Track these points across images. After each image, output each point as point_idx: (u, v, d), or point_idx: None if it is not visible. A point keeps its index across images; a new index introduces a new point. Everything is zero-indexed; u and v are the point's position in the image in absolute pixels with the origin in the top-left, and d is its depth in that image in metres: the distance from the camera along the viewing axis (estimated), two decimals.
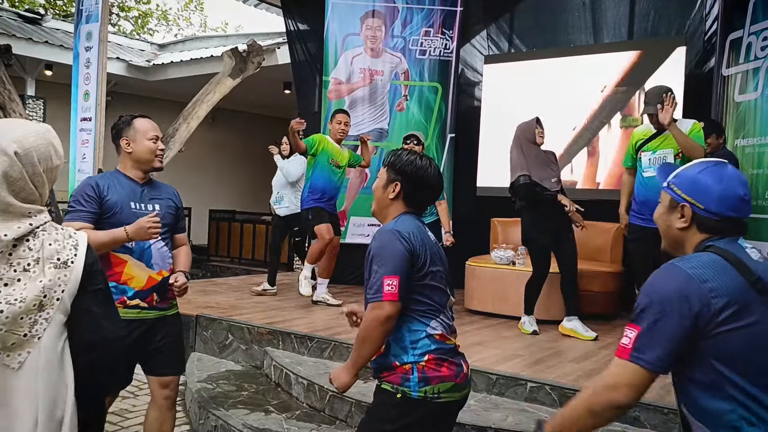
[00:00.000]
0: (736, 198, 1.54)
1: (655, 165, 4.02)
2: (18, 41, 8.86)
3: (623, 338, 1.49)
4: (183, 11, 22.35)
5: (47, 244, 1.52)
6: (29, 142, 1.53)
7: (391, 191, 2.10)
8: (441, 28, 6.90)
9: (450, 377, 1.99)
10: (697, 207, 1.56)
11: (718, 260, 1.48)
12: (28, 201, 1.52)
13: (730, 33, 5.19)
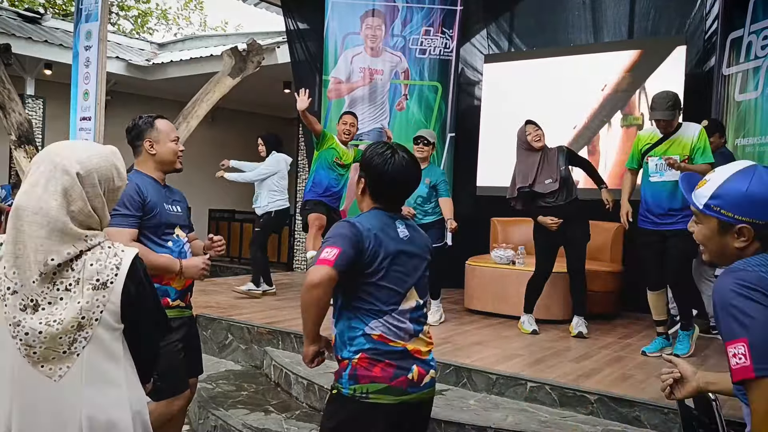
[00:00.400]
0: None
1: (662, 170, 3.99)
2: (17, 40, 8.85)
3: (732, 360, 1.35)
4: (182, 10, 22.32)
5: (89, 265, 1.53)
6: (92, 163, 1.56)
7: (359, 187, 2.10)
8: (441, 27, 6.89)
9: (382, 379, 1.94)
10: (757, 224, 1.47)
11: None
12: (84, 225, 1.55)
13: (730, 32, 5.20)
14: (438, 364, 3.79)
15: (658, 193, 4.02)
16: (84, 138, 5.91)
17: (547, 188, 4.61)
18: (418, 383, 1.99)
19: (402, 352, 1.97)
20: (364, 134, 6.85)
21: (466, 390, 3.66)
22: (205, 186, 12.92)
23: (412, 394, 1.98)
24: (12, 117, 6.30)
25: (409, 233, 2.09)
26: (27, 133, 6.39)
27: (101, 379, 1.55)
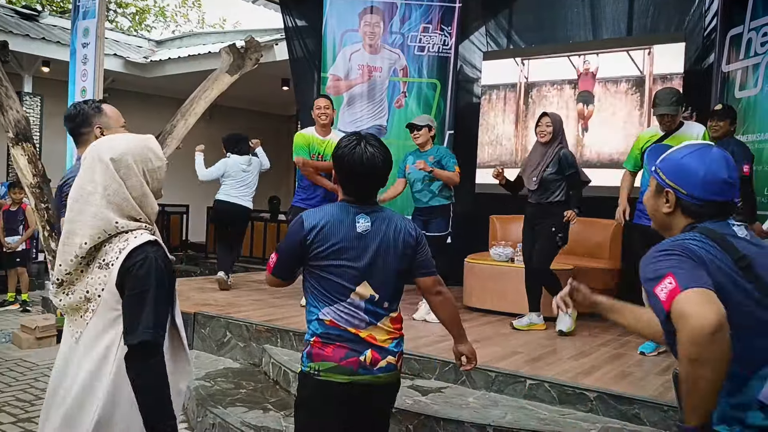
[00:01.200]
0: (719, 182, 1.53)
1: None
2: (15, 38, 8.82)
3: (662, 292, 1.37)
4: (180, 7, 22.29)
5: (103, 246, 1.69)
6: (122, 146, 1.71)
7: (336, 179, 2.26)
8: (440, 24, 6.87)
9: (332, 358, 2.08)
10: (681, 192, 1.56)
11: (703, 238, 1.48)
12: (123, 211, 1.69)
13: (730, 29, 5.19)
14: (437, 361, 3.81)
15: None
16: None
17: (531, 185, 4.65)
18: (371, 366, 2.10)
19: (354, 338, 2.10)
20: (363, 131, 6.83)
21: (465, 387, 3.65)
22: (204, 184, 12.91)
23: (364, 375, 2.09)
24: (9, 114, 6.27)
25: (373, 228, 2.11)
26: (25, 131, 6.35)
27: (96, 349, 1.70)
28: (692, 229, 1.53)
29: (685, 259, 1.41)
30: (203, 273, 9.73)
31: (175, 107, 8.39)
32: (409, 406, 3.31)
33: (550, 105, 6.38)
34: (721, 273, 1.42)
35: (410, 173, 5.00)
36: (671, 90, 4.03)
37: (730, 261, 1.43)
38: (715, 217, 1.54)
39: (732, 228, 1.53)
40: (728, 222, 1.55)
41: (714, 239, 1.47)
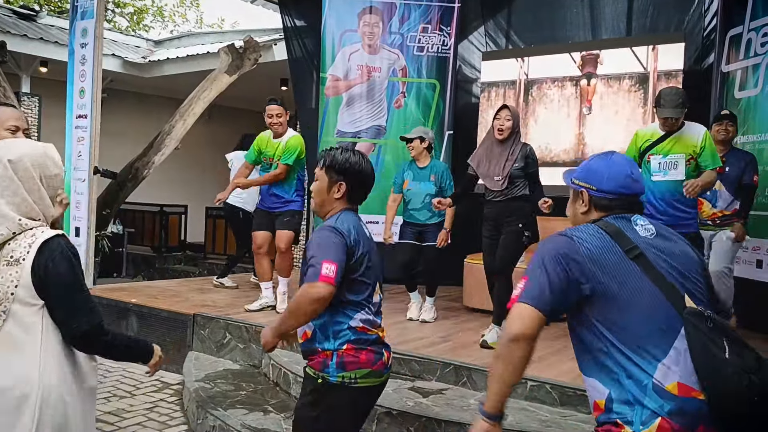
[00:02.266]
0: (624, 176, 1.73)
1: (666, 169, 3.84)
2: (13, 38, 8.80)
3: (515, 291, 1.65)
4: (178, 7, 22.24)
5: (7, 245, 1.68)
6: (21, 151, 1.72)
7: (336, 191, 2.24)
8: (439, 25, 6.86)
9: (366, 364, 2.15)
10: (592, 189, 1.75)
11: (598, 230, 1.66)
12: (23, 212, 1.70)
13: (729, 29, 5.18)
14: (438, 362, 3.80)
15: (660, 193, 3.86)
16: (81, 136, 5.87)
17: (494, 185, 4.25)
18: (388, 365, 2.27)
19: (377, 339, 2.22)
20: (363, 131, 6.84)
21: (466, 389, 3.64)
22: (202, 184, 12.90)
23: (385, 374, 2.25)
24: None
25: (366, 230, 2.28)
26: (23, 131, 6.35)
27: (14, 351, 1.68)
28: (594, 222, 1.71)
29: (545, 269, 1.60)
30: (202, 273, 9.71)
31: (174, 107, 8.39)
32: (410, 408, 3.31)
33: (551, 102, 6.38)
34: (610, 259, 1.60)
35: (410, 189, 4.85)
36: (677, 91, 3.88)
37: (620, 250, 1.60)
38: (623, 211, 1.71)
39: (635, 224, 1.69)
40: (632, 218, 1.70)
41: (608, 231, 1.64)
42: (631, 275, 1.57)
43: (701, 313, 1.53)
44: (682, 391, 1.50)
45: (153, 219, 11.45)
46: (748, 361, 1.47)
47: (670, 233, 1.72)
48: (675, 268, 1.62)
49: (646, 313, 1.55)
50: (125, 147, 9.32)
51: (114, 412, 4.03)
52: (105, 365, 5.10)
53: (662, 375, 1.51)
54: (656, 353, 1.53)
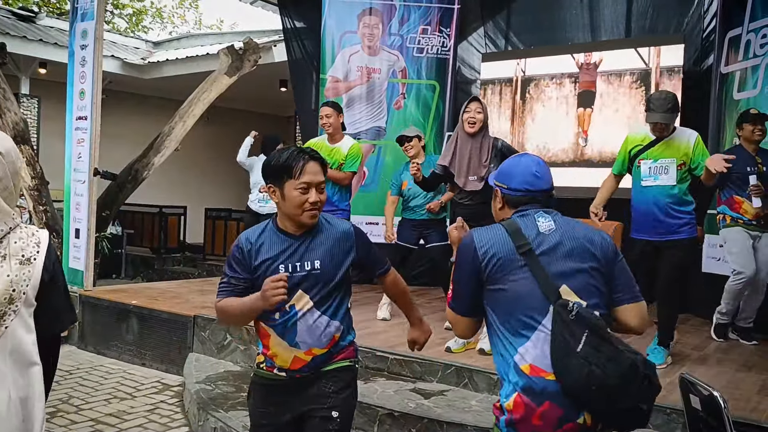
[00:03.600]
0: (528, 174, 1.89)
1: (657, 174, 3.75)
2: (12, 39, 8.80)
3: (449, 291, 1.93)
4: (178, 9, 22.25)
5: (13, 242, 1.64)
6: (9, 143, 1.69)
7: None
8: (438, 26, 6.87)
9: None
10: (503, 188, 1.93)
11: (501, 228, 1.84)
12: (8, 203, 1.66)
13: (729, 30, 5.20)
14: (439, 364, 3.80)
15: (651, 198, 3.78)
16: (81, 138, 5.86)
17: (469, 186, 4.05)
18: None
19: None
20: (362, 133, 6.84)
21: (468, 390, 3.64)
22: (201, 185, 12.91)
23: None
24: (7, 117, 6.26)
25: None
26: (23, 133, 6.34)
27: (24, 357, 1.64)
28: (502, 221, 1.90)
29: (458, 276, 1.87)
30: (201, 275, 9.71)
31: (173, 109, 8.39)
32: (411, 409, 3.31)
33: (549, 100, 6.39)
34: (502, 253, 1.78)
35: (410, 188, 4.87)
36: (667, 95, 3.77)
37: (513, 247, 1.78)
38: (529, 206, 1.87)
39: (536, 221, 1.83)
40: (536, 215, 1.84)
41: (508, 229, 1.81)
42: (516, 269, 1.76)
43: (566, 306, 1.70)
44: (534, 371, 1.70)
45: (152, 220, 11.45)
46: (600, 355, 1.64)
47: (572, 226, 1.85)
48: (560, 263, 1.77)
49: (523, 303, 1.74)
50: (124, 148, 9.31)
51: (115, 413, 4.03)
52: (104, 367, 5.10)
53: (521, 356, 1.72)
54: (521, 337, 1.73)
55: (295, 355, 2.09)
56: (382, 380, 3.81)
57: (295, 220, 2.09)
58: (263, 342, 2.15)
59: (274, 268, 2.06)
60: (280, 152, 2.10)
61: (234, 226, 10.67)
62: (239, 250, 2.10)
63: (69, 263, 5.87)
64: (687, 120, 4.94)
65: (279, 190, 2.07)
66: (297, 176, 2.04)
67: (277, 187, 2.07)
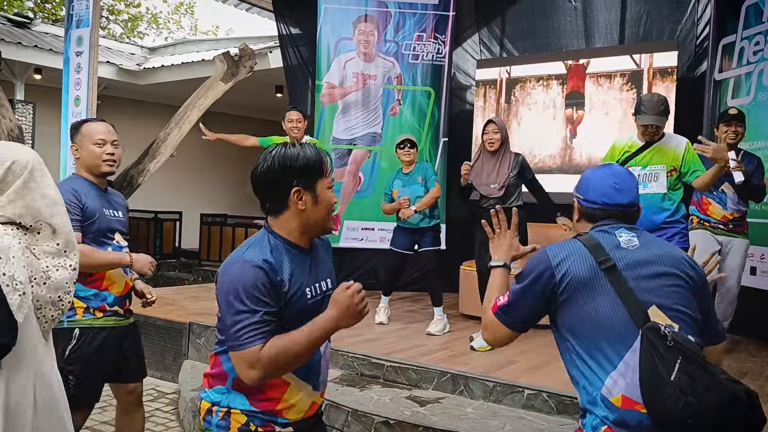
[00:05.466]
0: (605, 185, 1.79)
1: (646, 182, 3.67)
2: (7, 45, 8.78)
3: (502, 297, 1.78)
4: (173, 15, 22.25)
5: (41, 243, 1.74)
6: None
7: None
8: (433, 33, 6.89)
9: None
10: (580, 199, 1.84)
11: (579, 245, 1.72)
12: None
13: (722, 38, 5.23)
14: (435, 371, 3.80)
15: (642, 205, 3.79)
16: None
17: (490, 193, 4.49)
18: None
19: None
20: (358, 139, 6.85)
21: (464, 398, 3.64)
22: (197, 190, 12.89)
23: None
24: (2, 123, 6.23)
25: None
26: (18, 140, 6.32)
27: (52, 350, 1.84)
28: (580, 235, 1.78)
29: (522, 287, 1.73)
30: (197, 281, 9.69)
31: (169, 115, 8.37)
32: (407, 417, 3.30)
33: (535, 104, 6.42)
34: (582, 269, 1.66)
35: (400, 196, 4.94)
36: (659, 97, 3.72)
37: (594, 264, 1.65)
38: (607, 221, 1.77)
39: (618, 237, 1.71)
40: (617, 231, 1.73)
41: (587, 245, 1.69)
42: (599, 288, 1.62)
43: (658, 330, 1.53)
44: (626, 403, 1.55)
45: (147, 226, 11.42)
46: (696, 384, 1.47)
47: (658, 244, 1.74)
48: (650, 281, 1.63)
49: (606, 326, 1.60)
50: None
51: (109, 422, 4.01)
52: None
53: (610, 386, 1.57)
54: (608, 365, 1.58)
55: (313, 401, 1.75)
56: (378, 387, 3.80)
57: (319, 228, 1.73)
58: (271, 395, 1.66)
59: (301, 294, 1.66)
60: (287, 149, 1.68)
61: (229, 231, 10.65)
62: (266, 276, 1.58)
63: None
64: (681, 127, 4.96)
65: (310, 194, 1.67)
66: (327, 173, 1.70)
67: (307, 190, 1.66)
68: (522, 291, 1.72)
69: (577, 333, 1.63)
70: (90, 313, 2.65)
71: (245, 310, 1.54)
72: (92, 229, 2.60)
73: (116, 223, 2.71)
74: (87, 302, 2.64)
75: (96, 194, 2.67)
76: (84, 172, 2.72)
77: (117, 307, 2.71)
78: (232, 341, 1.55)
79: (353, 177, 6.76)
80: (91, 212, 2.60)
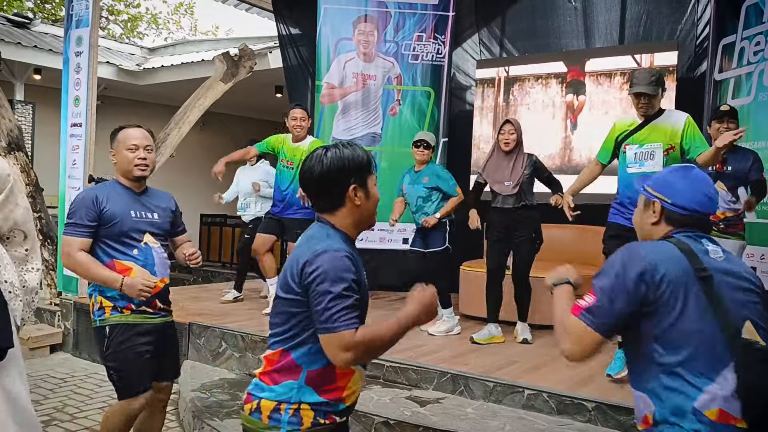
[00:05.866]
0: (701, 194, 1.71)
1: (642, 160, 3.59)
2: (6, 45, 8.77)
3: (581, 301, 1.65)
4: (173, 15, 22.24)
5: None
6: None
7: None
8: (433, 33, 6.89)
9: None
10: (666, 201, 1.73)
11: (672, 248, 1.63)
12: None
13: (722, 38, 5.22)
14: (435, 371, 3.80)
15: (637, 186, 3.57)
16: (75, 144, 5.85)
17: (504, 190, 4.55)
18: None
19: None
20: (358, 139, 6.84)
21: (464, 398, 3.64)
22: (196, 191, 12.85)
23: None
24: (2, 123, 6.22)
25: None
26: (17, 140, 6.30)
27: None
28: (668, 239, 1.69)
29: (612, 287, 1.61)
30: (196, 281, 9.69)
31: (168, 115, 8.36)
32: (407, 417, 3.30)
33: (534, 103, 6.42)
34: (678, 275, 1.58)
35: (407, 193, 5.00)
36: (651, 70, 3.65)
37: (692, 270, 1.59)
38: (693, 229, 1.70)
39: (704, 245, 1.67)
40: (702, 240, 1.69)
41: (682, 250, 1.62)
42: (693, 297, 1.56)
43: (756, 346, 1.53)
44: (722, 418, 1.52)
45: None
46: None
47: (734, 258, 1.72)
48: (737, 294, 1.61)
49: (700, 338, 1.54)
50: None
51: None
52: (99, 375, 5.07)
53: (705, 400, 1.53)
54: (703, 378, 1.54)
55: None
56: (378, 388, 3.80)
57: (368, 222, 1.86)
58: (340, 383, 1.76)
59: (366, 286, 1.80)
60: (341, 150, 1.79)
61: (229, 232, 10.65)
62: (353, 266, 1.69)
63: (63, 270, 5.84)
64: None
65: (363, 190, 1.79)
66: (374, 169, 1.86)
67: (362, 187, 1.79)
68: (613, 290, 1.60)
69: (668, 343, 1.56)
70: (118, 311, 2.75)
71: (342, 295, 1.62)
72: (114, 231, 2.70)
73: (146, 224, 2.78)
74: (114, 302, 2.75)
75: (127, 197, 2.79)
76: (120, 176, 2.84)
77: (144, 307, 2.77)
78: (329, 324, 1.61)
79: None
80: (111, 216, 2.70)
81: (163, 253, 2.86)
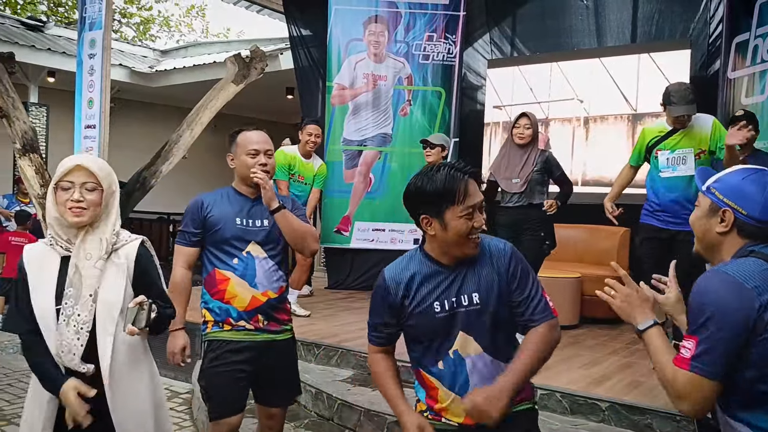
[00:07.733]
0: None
1: (675, 165, 3.73)
2: (21, 48, 8.87)
3: (682, 350, 1.48)
4: (185, 17, 22.39)
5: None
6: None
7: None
8: (444, 33, 6.89)
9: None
10: (740, 212, 1.55)
11: (758, 263, 1.47)
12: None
13: (736, 36, 5.18)
14: None
15: (669, 189, 3.76)
16: (89, 146, 5.90)
17: (511, 187, 4.33)
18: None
19: None
20: (369, 140, 6.86)
21: None
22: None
23: None
24: (16, 125, 6.28)
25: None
26: (32, 142, 6.36)
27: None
28: (750, 254, 1.51)
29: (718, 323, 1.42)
30: None
31: (181, 117, 8.40)
32: None
33: (554, 111, 6.39)
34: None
35: None
36: (687, 86, 3.71)
37: None
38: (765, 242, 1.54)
39: None
40: None
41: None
42: None
43: None
44: None
45: (160, 227, 11.50)
46: None
47: None
48: None
49: None
50: (132, 156, 9.34)
51: None
52: None
53: None
54: None
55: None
56: None
57: (457, 251, 1.79)
58: (430, 393, 1.88)
59: (427, 306, 1.79)
60: (430, 174, 1.76)
61: None
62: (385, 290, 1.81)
63: None
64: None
65: (438, 221, 1.75)
66: (461, 200, 1.73)
67: (435, 218, 1.75)
68: (717, 328, 1.42)
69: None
70: (218, 326, 2.55)
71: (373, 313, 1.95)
72: (216, 239, 2.53)
73: (251, 233, 2.53)
74: (214, 315, 2.55)
75: (237, 204, 2.57)
76: (238, 181, 2.63)
77: (243, 322, 2.52)
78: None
79: (364, 178, 6.77)
80: (214, 221, 2.53)
81: (269, 264, 2.55)
